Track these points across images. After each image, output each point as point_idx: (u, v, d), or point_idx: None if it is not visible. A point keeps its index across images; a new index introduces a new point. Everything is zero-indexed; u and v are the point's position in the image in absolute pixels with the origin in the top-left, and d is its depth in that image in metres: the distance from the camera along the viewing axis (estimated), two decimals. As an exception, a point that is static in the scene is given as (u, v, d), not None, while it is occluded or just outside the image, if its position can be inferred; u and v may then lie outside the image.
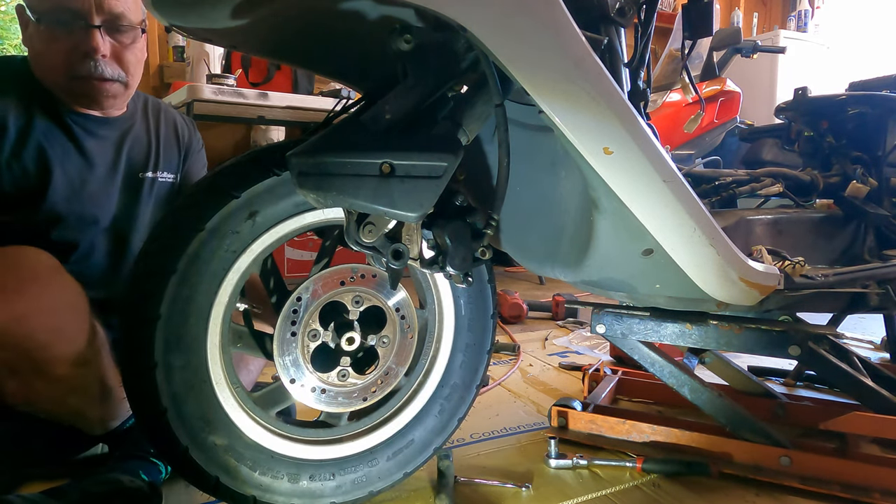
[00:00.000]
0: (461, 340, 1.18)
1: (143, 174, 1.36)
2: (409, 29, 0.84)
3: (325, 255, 1.11)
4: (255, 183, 0.94)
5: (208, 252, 0.92)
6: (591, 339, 2.41)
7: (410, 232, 0.97)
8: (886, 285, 1.38)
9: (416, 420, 1.15)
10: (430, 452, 1.16)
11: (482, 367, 1.21)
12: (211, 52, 3.09)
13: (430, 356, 1.17)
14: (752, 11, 5.37)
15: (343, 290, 1.03)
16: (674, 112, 3.25)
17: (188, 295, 0.91)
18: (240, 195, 0.93)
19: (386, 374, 1.07)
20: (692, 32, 1.21)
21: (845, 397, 1.58)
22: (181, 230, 0.91)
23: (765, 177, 1.55)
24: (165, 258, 0.90)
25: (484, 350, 1.20)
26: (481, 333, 1.20)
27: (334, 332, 1.03)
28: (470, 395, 1.20)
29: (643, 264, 1.10)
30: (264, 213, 0.96)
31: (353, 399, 1.05)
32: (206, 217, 0.92)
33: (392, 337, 1.07)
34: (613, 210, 1.01)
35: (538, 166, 1.22)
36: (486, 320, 1.20)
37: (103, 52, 1.19)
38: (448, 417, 1.18)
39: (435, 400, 1.17)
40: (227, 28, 0.96)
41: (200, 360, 0.94)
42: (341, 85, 3.03)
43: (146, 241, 0.94)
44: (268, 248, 0.99)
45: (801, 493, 1.17)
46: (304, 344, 1.00)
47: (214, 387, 0.95)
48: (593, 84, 0.86)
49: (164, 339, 0.90)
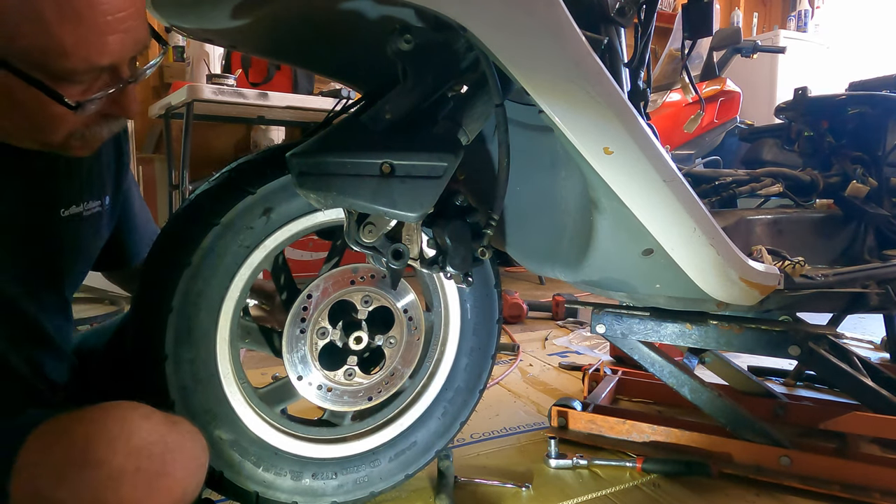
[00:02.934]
0: (466, 344, 1.18)
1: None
2: (409, 29, 0.84)
3: (335, 254, 1.11)
4: (270, 180, 0.95)
5: (222, 246, 0.93)
6: (591, 339, 2.41)
7: (410, 232, 0.97)
8: (886, 285, 1.38)
9: (420, 422, 1.15)
10: (432, 455, 1.16)
11: (486, 372, 1.21)
12: (211, 52, 3.09)
13: (435, 359, 1.17)
14: (752, 11, 5.37)
15: (353, 289, 1.03)
16: (674, 112, 3.25)
17: (200, 289, 0.92)
18: (255, 191, 0.94)
19: (392, 375, 1.08)
20: (692, 32, 1.21)
21: (845, 397, 1.58)
22: (196, 223, 0.92)
23: (765, 177, 1.55)
24: (179, 251, 0.91)
25: (488, 354, 1.21)
26: (486, 337, 1.20)
27: (342, 331, 1.03)
28: (473, 398, 1.20)
29: (643, 264, 1.10)
30: (279, 210, 0.96)
31: (359, 398, 1.05)
32: (222, 211, 0.92)
33: (399, 338, 1.07)
34: (613, 210, 1.01)
35: (538, 166, 1.22)
36: (491, 325, 1.20)
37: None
38: (451, 420, 1.18)
39: (438, 402, 1.17)
40: (227, 28, 0.96)
41: (209, 354, 0.94)
42: (341, 85, 3.03)
43: (160, 233, 0.94)
44: (280, 245, 0.99)
45: (801, 493, 1.17)
46: (312, 341, 1.00)
47: (222, 381, 0.96)
48: (593, 84, 0.86)
49: (175, 331, 0.91)
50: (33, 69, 0.68)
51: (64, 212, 0.90)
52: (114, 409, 0.71)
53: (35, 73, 0.69)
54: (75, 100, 0.72)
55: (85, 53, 0.69)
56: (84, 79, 0.72)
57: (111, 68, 0.74)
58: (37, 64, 0.68)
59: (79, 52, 0.69)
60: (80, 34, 0.68)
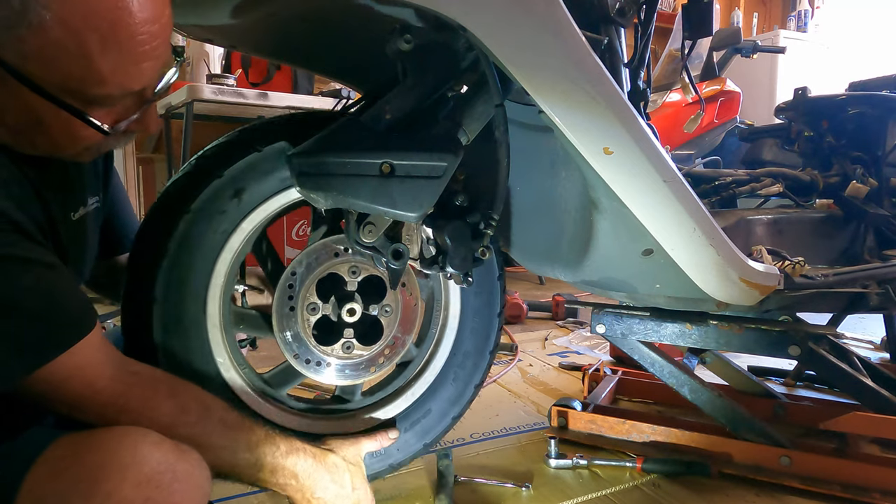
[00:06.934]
0: (469, 306, 1.17)
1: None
2: (409, 29, 0.84)
3: (320, 222, 1.08)
4: (236, 161, 0.94)
5: (197, 233, 0.93)
6: (591, 339, 2.41)
7: (410, 232, 0.97)
8: (886, 285, 1.38)
9: (432, 389, 1.15)
10: (449, 421, 1.16)
11: (494, 332, 1.20)
12: (211, 52, 3.09)
13: (440, 325, 1.17)
14: (752, 11, 5.37)
15: (338, 261, 1.02)
16: (674, 112, 3.25)
17: (182, 277, 0.92)
18: (223, 174, 0.93)
19: (393, 344, 1.07)
20: (692, 32, 1.21)
21: (845, 397, 1.58)
22: (168, 213, 0.92)
23: (765, 177, 1.55)
24: (156, 242, 0.91)
25: (494, 314, 1.19)
26: (489, 297, 1.18)
27: (335, 305, 1.03)
28: (484, 361, 1.19)
29: (643, 264, 1.10)
30: (251, 191, 0.95)
31: (361, 371, 1.05)
32: (191, 198, 0.92)
33: (395, 305, 1.07)
34: (613, 210, 1.01)
35: (538, 166, 1.22)
36: (492, 283, 1.18)
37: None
38: (463, 385, 1.17)
39: (449, 368, 1.16)
40: (227, 28, 0.96)
41: (202, 342, 0.94)
42: (341, 85, 3.03)
43: (140, 226, 0.95)
44: (258, 227, 0.98)
45: (801, 493, 1.17)
46: (303, 318, 1.00)
47: (219, 368, 0.96)
48: (593, 84, 0.86)
49: (163, 321, 0.91)
50: (66, 95, 0.69)
51: (74, 215, 0.90)
52: (125, 437, 0.70)
53: (67, 99, 0.70)
54: (104, 123, 0.73)
55: (121, 80, 0.71)
56: (114, 102, 0.74)
57: (140, 91, 0.75)
58: (71, 91, 0.69)
59: (115, 80, 0.70)
60: (118, 63, 0.69)
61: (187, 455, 0.75)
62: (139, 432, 0.71)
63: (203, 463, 0.77)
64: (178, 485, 0.70)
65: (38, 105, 0.69)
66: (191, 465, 0.74)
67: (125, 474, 0.66)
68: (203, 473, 0.76)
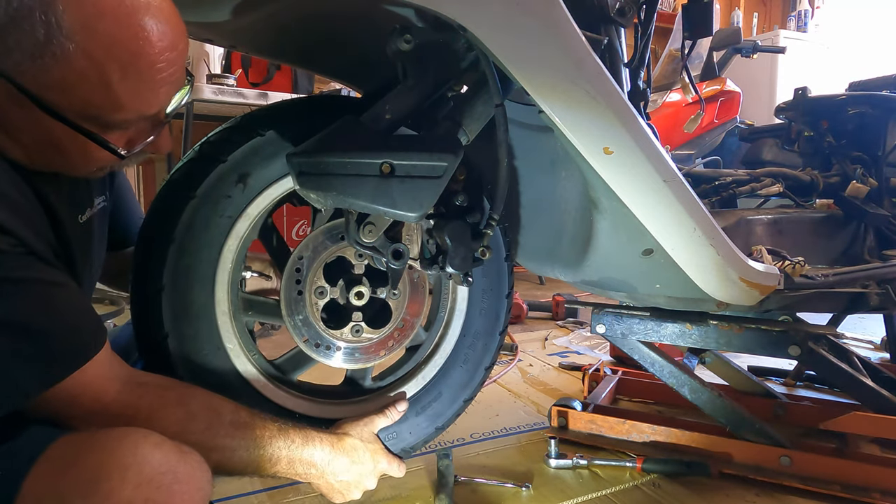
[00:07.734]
0: (477, 287, 1.17)
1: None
2: (409, 29, 0.84)
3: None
4: (239, 146, 0.94)
5: (202, 219, 0.93)
6: (591, 339, 2.41)
7: (410, 232, 0.97)
8: (886, 285, 1.38)
9: (443, 372, 1.15)
10: (460, 404, 1.16)
11: (503, 313, 1.19)
12: (211, 52, 3.09)
13: (449, 307, 1.17)
14: (752, 11, 5.37)
15: (344, 244, 1.02)
16: (674, 112, 3.25)
17: (189, 263, 0.92)
18: (226, 159, 0.93)
19: (402, 327, 1.08)
20: (692, 32, 1.21)
21: (845, 397, 1.58)
22: (174, 199, 0.92)
23: (765, 177, 1.55)
24: (162, 228, 0.91)
25: (502, 294, 1.19)
26: (497, 277, 1.18)
27: (342, 289, 1.03)
28: (494, 342, 1.19)
29: (643, 264, 1.10)
30: (255, 176, 0.96)
31: (371, 354, 1.06)
32: (196, 184, 0.92)
33: (403, 288, 1.07)
34: (613, 210, 1.01)
35: (538, 166, 1.22)
36: (500, 263, 1.18)
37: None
38: (474, 367, 1.17)
39: (459, 350, 1.16)
40: (228, 27, 0.96)
41: (211, 328, 0.94)
42: (341, 85, 3.03)
43: (146, 214, 0.95)
44: (264, 212, 0.99)
45: (801, 493, 1.17)
46: (311, 302, 1.00)
47: (229, 354, 0.96)
48: (593, 84, 0.86)
49: (171, 308, 0.91)
50: (84, 120, 0.71)
51: (81, 217, 0.91)
52: (125, 438, 0.70)
53: (85, 124, 0.71)
54: (119, 145, 0.75)
55: (138, 106, 0.72)
56: (130, 126, 0.75)
57: (154, 114, 0.77)
58: (89, 116, 0.70)
59: (133, 106, 0.72)
60: (137, 90, 0.71)
61: (188, 456, 0.74)
62: (140, 433, 0.71)
63: (205, 464, 0.76)
64: (178, 486, 0.70)
65: (56, 129, 0.70)
66: (192, 466, 0.74)
67: (125, 475, 0.66)
68: (204, 475, 0.76)
